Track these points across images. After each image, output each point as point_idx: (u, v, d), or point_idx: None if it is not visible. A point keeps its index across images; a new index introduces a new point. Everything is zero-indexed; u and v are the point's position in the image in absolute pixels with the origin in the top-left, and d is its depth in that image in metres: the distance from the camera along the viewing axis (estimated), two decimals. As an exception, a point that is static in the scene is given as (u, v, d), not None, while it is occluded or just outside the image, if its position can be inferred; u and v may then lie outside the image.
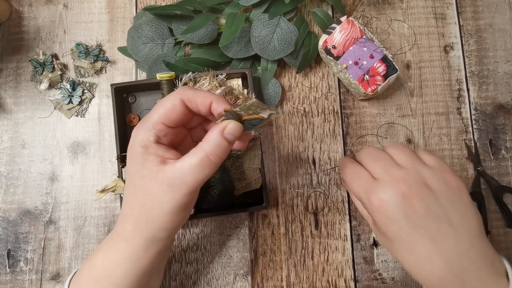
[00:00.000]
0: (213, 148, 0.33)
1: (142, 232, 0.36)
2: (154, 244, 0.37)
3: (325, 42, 0.53)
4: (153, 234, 0.36)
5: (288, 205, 0.55)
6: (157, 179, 0.34)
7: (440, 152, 0.57)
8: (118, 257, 0.37)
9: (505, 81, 0.59)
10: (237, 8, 0.54)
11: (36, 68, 0.55)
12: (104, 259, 0.38)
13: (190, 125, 0.39)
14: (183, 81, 0.50)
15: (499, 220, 0.56)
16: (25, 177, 0.55)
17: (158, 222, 0.35)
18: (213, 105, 0.35)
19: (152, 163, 0.34)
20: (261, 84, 0.55)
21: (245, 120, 0.34)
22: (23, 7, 0.58)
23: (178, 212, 0.35)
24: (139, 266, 0.37)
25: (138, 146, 0.35)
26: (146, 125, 0.35)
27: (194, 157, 0.33)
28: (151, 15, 0.55)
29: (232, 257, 0.54)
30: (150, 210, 0.35)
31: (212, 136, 0.33)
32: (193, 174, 0.33)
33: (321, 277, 0.53)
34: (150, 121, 0.35)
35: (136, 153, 0.35)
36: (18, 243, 0.53)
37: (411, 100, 0.58)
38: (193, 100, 0.35)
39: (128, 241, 0.37)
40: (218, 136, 0.33)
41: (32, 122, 0.56)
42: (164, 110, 0.34)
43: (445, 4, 0.60)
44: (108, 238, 0.39)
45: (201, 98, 0.35)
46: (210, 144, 0.33)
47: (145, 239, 0.36)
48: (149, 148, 0.34)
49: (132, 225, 0.36)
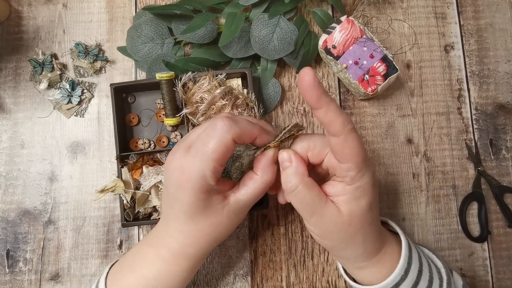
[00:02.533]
0: (270, 176, 0.38)
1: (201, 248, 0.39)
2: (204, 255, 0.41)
3: (325, 42, 0.53)
4: (208, 250, 0.41)
5: (288, 205, 0.55)
6: (223, 213, 0.37)
7: (440, 152, 0.57)
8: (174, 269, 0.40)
9: (505, 81, 0.59)
10: (236, 7, 0.54)
11: (36, 68, 0.55)
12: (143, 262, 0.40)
13: None
14: (183, 81, 0.50)
15: (499, 220, 0.56)
16: (24, 177, 0.54)
17: (218, 241, 0.40)
18: (257, 140, 0.37)
19: (217, 202, 0.37)
20: (261, 84, 0.55)
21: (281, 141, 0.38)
22: (23, 7, 0.58)
23: (234, 229, 0.41)
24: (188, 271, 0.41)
25: (199, 192, 0.35)
26: (204, 168, 0.34)
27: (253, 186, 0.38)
28: (150, 15, 0.55)
29: (231, 257, 0.54)
30: (213, 231, 0.38)
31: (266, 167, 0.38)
32: (254, 200, 0.38)
33: (321, 277, 0.53)
34: (207, 166, 0.34)
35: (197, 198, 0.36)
36: (17, 243, 0.53)
37: (412, 100, 0.58)
38: (242, 138, 0.36)
39: (189, 256, 0.40)
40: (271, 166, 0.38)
41: (31, 122, 0.56)
42: (220, 155, 0.35)
43: (445, 4, 0.60)
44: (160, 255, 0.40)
45: (248, 136, 0.36)
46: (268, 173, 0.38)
47: (202, 255, 0.40)
48: (212, 190, 0.36)
49: (193, 241, 0.39)
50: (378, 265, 0.38)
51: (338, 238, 0.37)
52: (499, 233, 0.56)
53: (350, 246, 0.37)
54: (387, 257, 0.38)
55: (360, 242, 0.37)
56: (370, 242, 0.38)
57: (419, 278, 0.38)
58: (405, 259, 0.38)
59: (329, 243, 0.38)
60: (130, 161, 0.51)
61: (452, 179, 0.57)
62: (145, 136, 0.55)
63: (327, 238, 0.38)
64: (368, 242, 0.37)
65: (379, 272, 0.38)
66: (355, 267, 0.40)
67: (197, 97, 0.50)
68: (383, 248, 0.39)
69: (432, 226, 0.55)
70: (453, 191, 0.56)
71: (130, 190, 0.50)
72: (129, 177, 0.50)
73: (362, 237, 0.37)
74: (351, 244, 0.37)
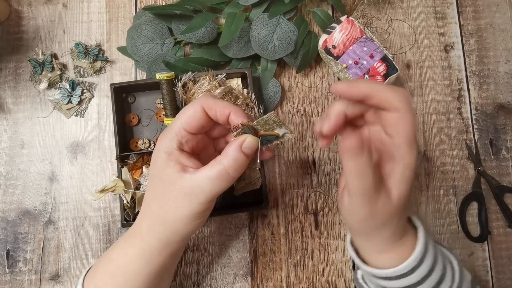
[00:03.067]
0: (230, 162, 0.35)
1: (156, 233, 0.38)
2: (167, 246, 0.38)
3: (325, 42, 0.53)
4: (166, 236, 0.38)
5: (288, 205, 0.55)
6: (176, 185, 0.35)
7: (440, 152, 0.57)
8: (133, 252, 0.39)
9: (505, 81, 0.59)
10: (236, 7, 0.54)
11: (36, 68, 0.55)
12: (120, 253, 0.40)
13: (212, 135, 0.41)
14: (183, 81, 0.50)
15: (499, 220, 0.56)
16: (24, 177, 0.54)
17: (172, 226, 0.37)
18: (231, 116, 0.36)
19: (173, 170, 0.36)
20: (261, 84, 0.55)
21: (262, 135, 0.36)
22: (23, 7, 0.58)
23: (193, 219, 0.37)
24: (153, 265, 0.39)
25: (162, 152, 0.36)
26: (170, 132, 0.37)
27: (212, 169, 0.35)
28: (150, 15, 0.55)
29: (231, 258, 0.54)
30: (166, 214, 0.37)
31: (230, 151, 0.35)
32: (211, 186, 0.35)
33: (321, 277, 0.53)
34: (174, 128, 0.37)
35: (159, 158, 0.37)
36: (17, 243, 0.53)
37: (412, 100, 0.58)
38: (213, 108, 0.36)
39: (143, 238, 0.38)
40: (236, 151, 0.35)
41: (31, 122, 0.56)
42: (186, 117, 0.36)
43: (445, 4, 0.60)
44: (126, 233, 0.41)
45: (220, 108, 0.36)
46: (228, 158, 0.35)
47: (159, 240, 0.38)
48: (172, 155, 0.36)
49: (148, 224, 0.38)
50: (399, 250, 0.38)
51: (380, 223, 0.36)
52: (499, 233, 0.56)
53: (385, 228, 0.36)
54: (408, 243, 0.38)
55: (394, 225, 0.36)
56: (402, 225, 0.37)
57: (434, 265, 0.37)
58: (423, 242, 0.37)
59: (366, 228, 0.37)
60: (130, 161, 0.51)
61: (452, 179, 0.57)
62: (145, 136, 0.55)
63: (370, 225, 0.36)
64: (401, 223, 0.37)
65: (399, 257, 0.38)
66: (377, 250, 0.38)
67: (197, 97, 0.50)
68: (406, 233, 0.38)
69: (432, 226, 0.55)
70: (453, 191, 0.56)
71: (130, 190, 0.50)
72: (129, 177, 0.50)
73: (398, 219, 0.36)
74: (388, 226, 0.36)
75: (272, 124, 0.36)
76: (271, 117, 0.35)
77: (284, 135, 0.36)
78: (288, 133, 0.36)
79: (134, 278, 0.38)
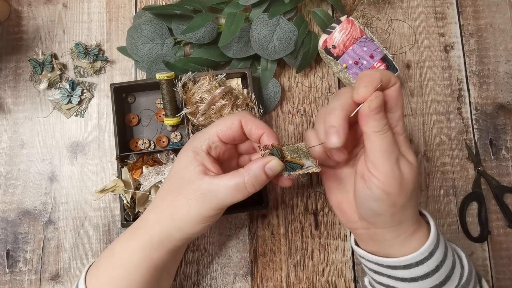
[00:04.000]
0: (251, 178, 0.36)
1: (161, 226, 0.38)
2: (167, 242, 0.39)
3: (325, 42, 0.53)
4: (169, 232, 0.38)
5: (288, 205, 0.55)
6: (194, 185, 0.37)
7: (440, 152, 0.57)
8: (135, 245, 0.39)
9: (505, 81, 0.59)
10: (236, 7, 0.54)
11: (35, 68, 0.55)
12: (122, 246, 0.40)
13: (240, 150, 0.43)
14: (183, 81, 0.50)
15: (499, 220, 0.56)
16: (24, 177, 0.54)
17: (178, 224, 0.38)
18: (263, 136, 0.38)
19: (195, 169, 0.37)
20: (261, 84, 0.55)
21: (287, 161, 0.37)
22: (22, 7, 0.58)
23: (200, 221, 0.37)
24: (152, 259, 0.39)
25: (190, 150, 0.38)
26: (203, 135, 0.39)
27: (232, 179, 0.36)
28: (150, 15, 0.55)
29: (231, 258, 0.54)
30: (176, 210, 0.38)
31: (253, 167, 0.36)
32: (225, 194, 0.36)
33: (321, 277, 0.53)
34: (208, 132, 0.39)
35: (185, 155, 0.38)
36: (17, 243, 0.53)
37: (411, 100, 0.58)
38: (249, 124, 0.39)
39: (147, 231, 0.39)
40: (259, 168, 0.36)
41: (31, 122, 0.56)
42: (222, 125, 0.39)
43: (445, 4, 0.60)
44: (131, 226, 0.42)
45: (256, 126, 0.39)
46: (250, 173, 0.36)
47: (162, 234, 0.39)
48: (198, 155, 0.38)
49: (155, 217, 0.39)
50: (407, 241, 0.38)
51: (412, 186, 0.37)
52: (499, 233, 0.56)
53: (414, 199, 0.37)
54: (417, 236, 0.38)
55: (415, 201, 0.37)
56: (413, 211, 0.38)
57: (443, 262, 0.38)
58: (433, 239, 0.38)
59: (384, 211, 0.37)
60: (130, 161, 0.51)
61: (452, 179, 0.57)
62: (145, 136, 0.55)
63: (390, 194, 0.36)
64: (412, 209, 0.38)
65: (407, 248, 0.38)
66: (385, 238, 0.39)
67: (197, 97, 0.50)
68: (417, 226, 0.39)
69: (432, 226, 0.55)
70: (453, 191, 0.56)
71: (130, 190, 0.50)
72: (129, 177, 0.50)
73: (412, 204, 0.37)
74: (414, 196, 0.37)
75: (301, 154, 0.37)
76: (302, 147, 0.38)
77: (308, 168, 0.36)
78: (313, 167, 0.36)
79: (133, 271, 0.39)
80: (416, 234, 0.38)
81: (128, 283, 0.39)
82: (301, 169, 0.36)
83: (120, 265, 0.39)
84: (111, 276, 0.39)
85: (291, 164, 0.37)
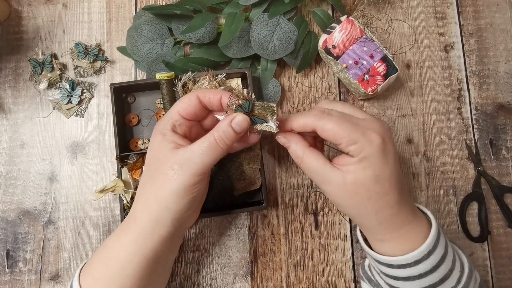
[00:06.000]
0: (221, 134, 0.38)
1: (149, 212, 0.39)
2: (160, 228, 0.39)
3: (325, 42, 0.53)
4: (158, 214, 0.39)
5: (288, 205, 0.55)
6: (170, 160, 0.38)
7: (440, 152, 0.57)
8: (126, 238, 0.40)
9: (505, 81, 0.59)
10: (236, 7, 0.54)
11: (35, 68, 0.55)
12: (114, 241, 0.41)
13: (205, 125, 0.44)
14: (183, 81, 0.50)
15: (499, 220, 0.56)
16: (24, 177, 0.54)
17: (164, 201, 0.38)
18: (222, 98, 0.40)
19: (167, 148, 0.38)
20: (261, 84, 0.55)
21: (253, 115, 0.39)
22: (22, 7, 0.58)
23: (184, 193, 0.38)
24: (145, 249, 0.39)
25: (158, 134, 0.40)
26: (165, 117, 0.41)
27: (203, 141, 0.38)
28: (150, 15, 0.55)
29: (231, 258, 0.54)
30: (159, 189, 0.38)
31: (221, 124, 0.39)
32: (201, 156, 0.38)
33: (321, 277, 0.53)
34: (169, 113, 0.41)
35: (155, 140, 0.40)
36: (17, 243, 0.53)
37: (412, 100, 0.58)
38: (206, 95, 0.40)
39: (136, 221, 0.40)
40: (226, 125, 0.38)
41: (31, 122, 0.56)
42: (181, 104, 0.40)
43: (445, 4, 0.60)
44: (122, 222, 0.42)
45: (213, 93, 0.40)
46: (219, 131, 0.38)
47: (151, 220, 0.39)
48: (166, 135, 0.39)
49: (141, 205, 0.40)
50: (399, 240, 0.39)
51: (348, 205, 0.39)
52: (499, 233, 0.56)
53: (363, 216, 0.39)
54: (412, 235, 0.39)
55: (371, 213, 0.38)
56: (385, 216, 0.38)
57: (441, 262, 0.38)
58: (432, 240, 0.38)
59: (342, 209, 0.41)
60: (130, 161, 0.51)
61: (452, 179, 0.57)
62: (145, 136, 0.55)
63: (340, 205, 0.40)
64: (382, 215, 0.38)
65: (400, 248, 0.39)
66: (375, 238, 0.41)
67: (197, 97, 0.50)
68: (406, 226, 0.39)
69: (432, 226, 0.55)
70: (453, 191, 0.56)
71: (130, 190, 0.50)
72: (129, 177, 0.50)
73: (372, 208, 0.38)
74: (363, 213, 0.39)
75: (268, 112, 0.40)
76: (272, 106, 0.40)
77: (268, 125, 0.39)
78: (272, 126, 0.39)
79: (127, 266, 0.39)
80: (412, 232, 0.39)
81: (122, 278, 0.39)
82: (262, 125, 0.40)
83: (113, 261, 0.39)
84: (105, 273, 0.39)
85: (256, 119, 0.40)
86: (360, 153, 0.37)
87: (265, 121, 0.39)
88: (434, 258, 0.38)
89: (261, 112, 0.40)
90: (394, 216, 0.38)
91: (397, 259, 0.38)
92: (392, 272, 0.39)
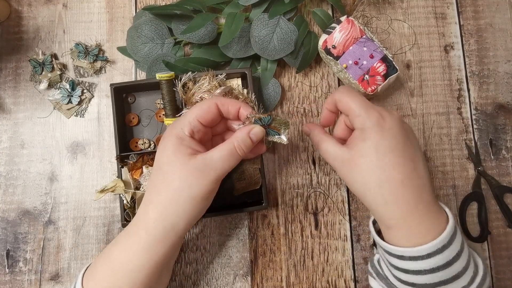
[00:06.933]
0: (239, 142, 0.40)
1: (164, 219, 0.39)
2: (172, 234, 0.39)
3: (325, 42, 0.53)
4: (173, 220, 0.39)
5: (288, 205, 0.55)
6: (189, 165, 0.38)
7: (440, 152, 0.57)
8: (137, 247, 0.39)
9: (505, 81, 0.59)
10: (236, 7, 0.54)
11: (36, 68, 0.55)
12: (121, 250, 0.40)
13: (215, 130, 0.45)
14: (183, 81, 0.50)
15: (499, 221, 0.56)
16: (24, 177, 0.54)
17: (182, 207, 0.38)
18: (241, 109, 0.42)
19: (184, 153, 0.39)
20: (261, 84, 0.55)
21: (269, 128, 0.43)
22: (23, 7, 0.58)
23: (202, 198, 0.39)
24: (156, 258, 0.39)
25: (174, 137, 0.40)
26: (183, 121, 0.41)
27: (223, 148, 0.40)
28: (150, 15, 0.55)
29: (231, 258, 0.54)
30: (179, 194, 0.38)
31: (240, 134, 0.41)
32: (222, 162, 0.39)
33: (321, 277, 0.53)
34: (187, 118, 0.41)
35: (170, 143, 0.40)
36: (17, 243, 0.53)
37: (411, 100, 0.58)
38: (225, 104, 0.42)
39: (149, 230, 0.39)
40: (245, 134, 0.41)
41: (32, 122, 0.56)
42: (201, 110, 0.41)
43: (445, 4, 0.60)
44: (125, 230, 0.41)
45: (232, 104, 0.42)
46: (238, 139, 0.40)
47: (165, 227, 0.39)
48: (184, 140, 0.40)
49: (156, 212, 0.39)
50: (408, 229, 0.38)
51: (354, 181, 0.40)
52: (499, 233, 0.56)
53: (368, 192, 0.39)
54: (422, 228, 0.38)
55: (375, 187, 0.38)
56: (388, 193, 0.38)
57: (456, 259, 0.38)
58: (448, 235, 0.37)
59: (351, 187, 0.42)
60: (130, 161, 0.51)
61: (452, 179, 0.57)
62: (145, 136, 0.55)
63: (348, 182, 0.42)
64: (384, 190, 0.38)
65: (408, 238, 0.38)
66: (384, 225, 0.40)
67: (197, 97, 0.50)
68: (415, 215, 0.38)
69: (432, 226, 0.55)
70: (453, 191, 0.56)
71: (130, 190, 0.50)
72: (129, 177, 0.50)
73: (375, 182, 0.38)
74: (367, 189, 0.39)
75: (282, 127, 0.43)
76: (288, 122, 0.44)
77: (281, 137, 0.43)
78: (284, 138, 0.43)
79: (137, 275, 0.39)
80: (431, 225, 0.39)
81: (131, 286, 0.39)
82: (274, 137, 0.43)
83: (122, 270, 0.39)
84: (113, 281, 0.39)
85: (270, 131, 0.43)
86: (361, 125, 0.39)
87: (278, 133, 0.43)
88: (448, 253, 0.37)
89: (276, 126, 0.43)
90: (398, 195, 0.38)
91: (409, 250, 0.38)
92: (403, 264, 0.39)
